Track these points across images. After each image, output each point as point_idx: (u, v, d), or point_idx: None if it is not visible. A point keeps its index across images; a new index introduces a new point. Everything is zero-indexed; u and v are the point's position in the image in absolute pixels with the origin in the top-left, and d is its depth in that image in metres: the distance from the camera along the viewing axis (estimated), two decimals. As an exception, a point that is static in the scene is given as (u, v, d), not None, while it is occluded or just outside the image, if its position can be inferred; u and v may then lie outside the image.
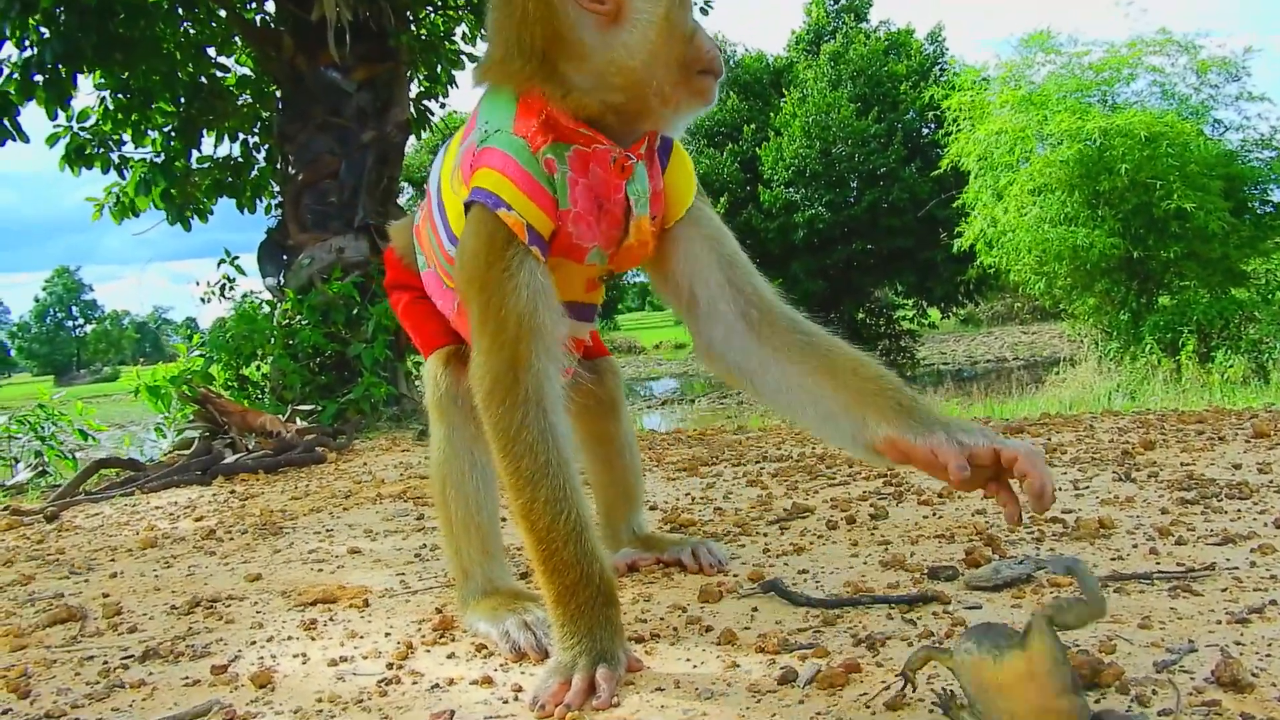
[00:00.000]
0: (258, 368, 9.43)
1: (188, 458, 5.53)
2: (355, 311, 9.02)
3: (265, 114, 11.48)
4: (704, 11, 10.80)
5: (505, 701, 1.59)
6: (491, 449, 1.71)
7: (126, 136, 11.03)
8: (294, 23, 9.67)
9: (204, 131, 11.42)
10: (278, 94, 10.50)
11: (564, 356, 1.77)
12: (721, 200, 22.36)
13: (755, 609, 1.90)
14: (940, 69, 22.32)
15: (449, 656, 1.84)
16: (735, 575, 2.16)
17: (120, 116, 10.72)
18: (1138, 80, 16.86)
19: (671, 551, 2.30)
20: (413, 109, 11.08)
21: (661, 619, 1.92)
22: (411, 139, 11.23)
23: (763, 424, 6.89)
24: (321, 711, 1.61)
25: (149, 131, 11.07)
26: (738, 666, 1.63)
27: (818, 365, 1.75)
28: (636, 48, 1.65)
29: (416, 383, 9.96)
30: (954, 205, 17.24)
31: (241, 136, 11.81)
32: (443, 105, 12.03)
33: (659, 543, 2.36)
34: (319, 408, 8.45)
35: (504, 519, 2.01)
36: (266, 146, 11.67)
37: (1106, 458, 3.02)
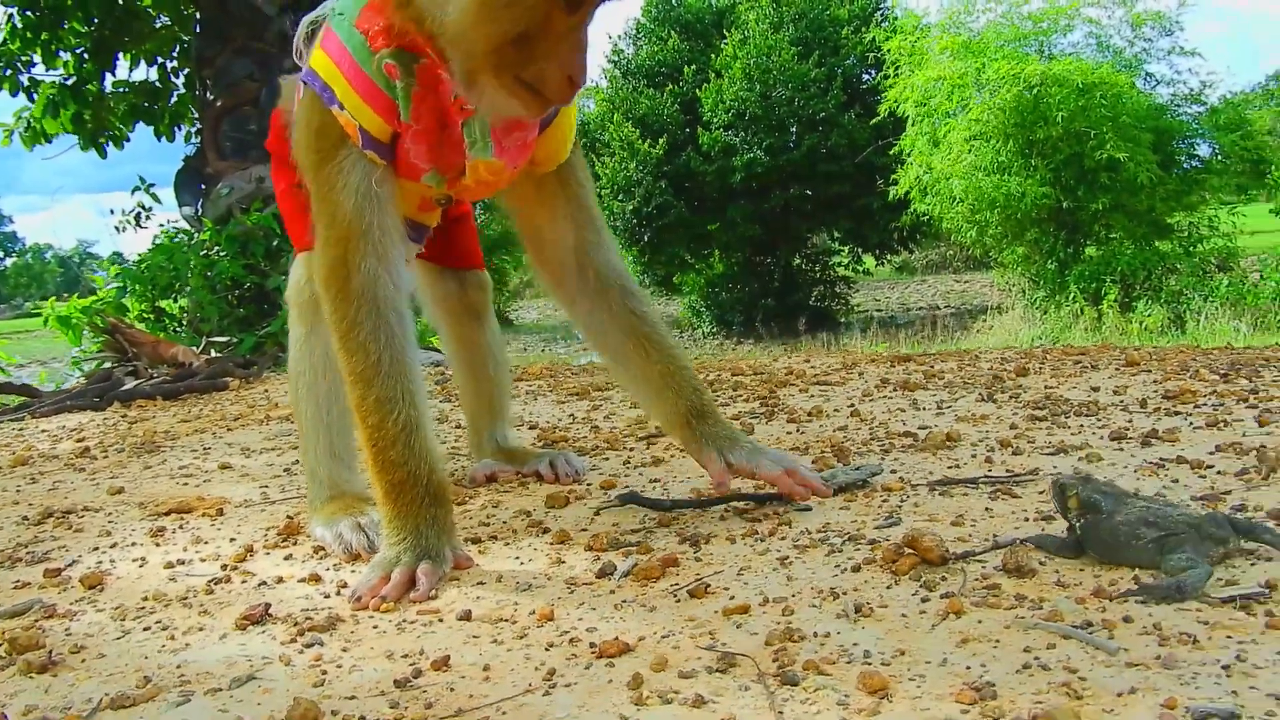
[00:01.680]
0: (175, 300, 9.23)
1: (86, 384, 5.40)
2: (275, 243, 8.81)
3: (185, 38, 11.07)
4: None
5: (327, 596, 1.59)
6: (333, 344, 1.69)
7: (36, 57, 10.56)
8: (213, -59, 9.31)
9: (119, 54, 10.98)
10: (197, 16, 10.14)
11: (400, 259, 1.73)
12: (661, 141, 22.21)
13: (597, 513, 1.92)
14: (882, 14, 22.23)
15: (286, 558, 1.83)
16: (589, 485, 2.18)
17: (29, 35, 10.24)
18: (1074, 31, 16.97)
19: (531, 464, 2.31)
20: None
21: (504, 523, 1.93)
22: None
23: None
24: (143, 609, 1.60)
25: (60, 52, 10.60)
26: (563, 563, 1.65)
27: (638, 352, 1.90)
28: (447, 8, 1.46)
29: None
30: (891, 152, 17.31)
31: (159, 60, 11.37)
32: (370, 34, 11.66)
33: (520, 455, 2.36)
34: (235, 340, 8.30)
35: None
36: (185, 72, 11.27)
37: (978, 382, 3.09)
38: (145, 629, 1.50)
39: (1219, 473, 1.81)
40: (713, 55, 23.18)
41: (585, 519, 1.89)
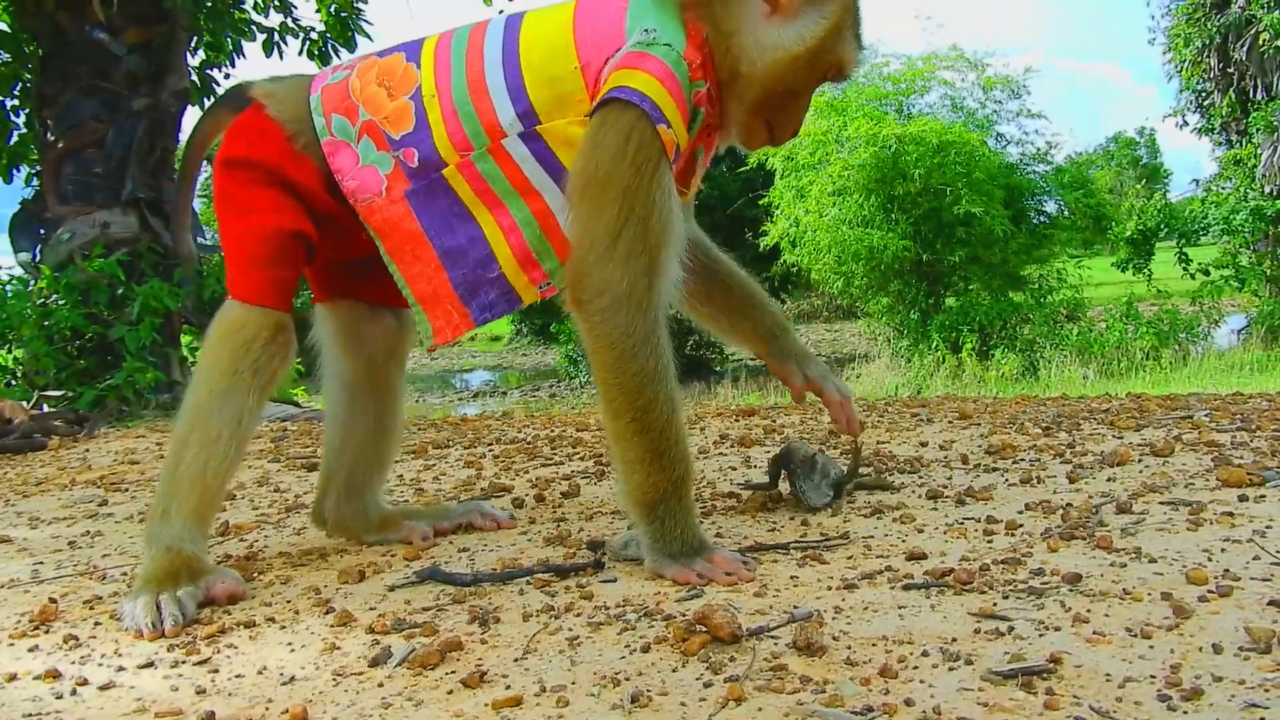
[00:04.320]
0: (10, 351, 8.64)
1: (-117, 444, 4.93)
2: (120, 292, 8.36)
3: (27, 76, 10.51)
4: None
5: (59, 696, 1.41)
6: (606, 356, 1.68)
7: None
8: (57, -25, 8.88)
9: (-49, 91, 10.36)
10: (40, 53, 9.63)
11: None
12: (538, 192, 22.13)
13: (392, 590, 1.78)
14: (751, 71, 22.84)
15: (30, 650, 1.63)
16: (392, 555, 2.03)
17: None
18: (931, 92, 17.79)
19: (452, 518, 2.21)
20: (195, 78, 10.38)
21: (289, 602, 1.76)
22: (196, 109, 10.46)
23: (539, 411, 6.80)
24: None
25: (-114, 87, 9.93)
26: (338, 649, 1.50)
27: (721, 287, 2.17)
28: (770, 54, 1.78)
29: (193, 368, 9.35)
30: (760, 204, 17.70)
31: (-1, 98, 10.75)
32: (227, 76, 11.29)
33: (424, 514, 2.24)
34: (72, 394, 7.80)
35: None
36: (26, 111, 10.70)
37: (814, 438, 3.07)
38: None
39: (1025, 533, 1.79)
40: (587, 107, 23.33)
41: (377, 596, 1.75)
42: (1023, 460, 2.45)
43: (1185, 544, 1.65)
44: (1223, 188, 19.89)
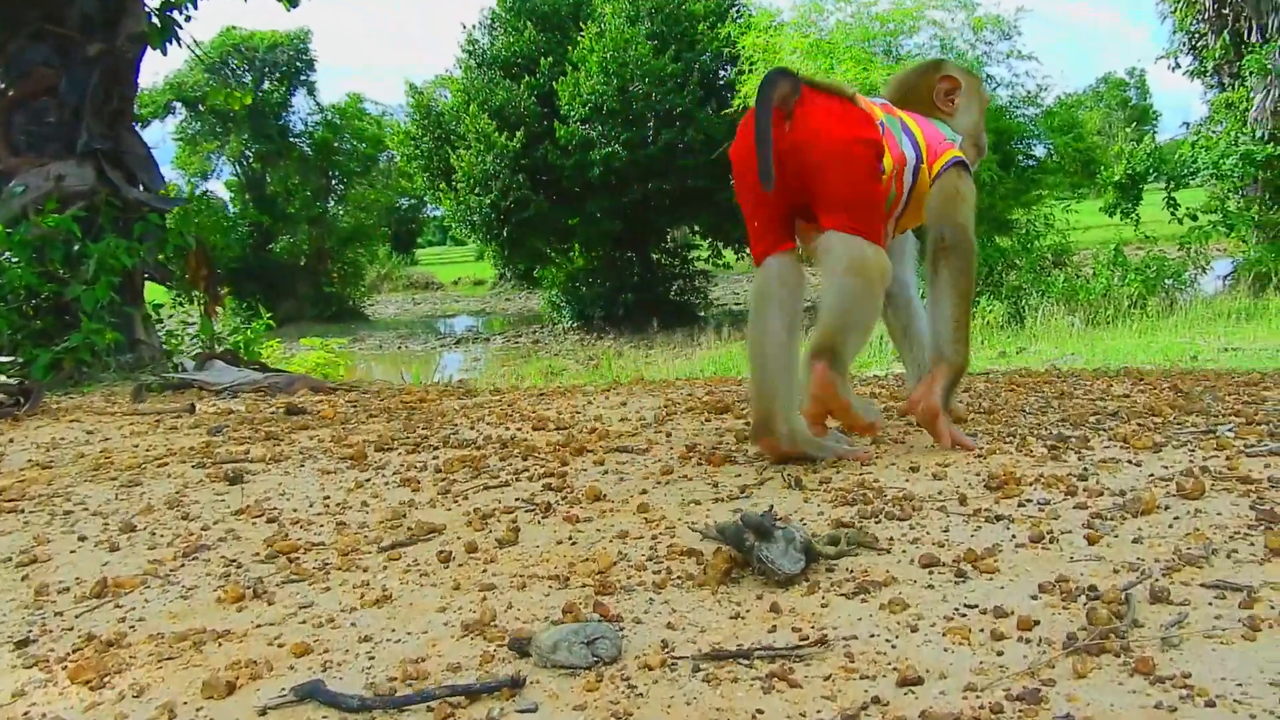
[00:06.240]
0: (-40, 314, 8.22)
1: None
2: (76, 248, 7.92)
3: (-17, 28, 9.90)
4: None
5: None
6: (966, 266, 2.79)
7: None
8: (4, -85, 8.28)
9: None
10: (-12, 0, 9.05)
11: None
12: (518, 134, 21.68)
13: (262, 712, 1.43)
14: (736, 10, 22.16)
15: None
16: (281, 644, 1.69)
17: None
18: (920, 33, 17.26)
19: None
20: (156, 20, 9.80)
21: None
22: (181, 53, 9.82)
23: (505, 384, 6.46)
24: None
25: None
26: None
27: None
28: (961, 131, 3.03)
29: (160, 326, 8.99)
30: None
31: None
32: (189, 18, 10.66)
33: None
34: (23, 358, 7.41)
35: None
36: (-20, 63, 10.10)
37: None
38: None
39: (1044, 639, 1.46)
40: (569, 47, 22.74)
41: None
42: (1029, 502, 2.11)
43: (1245, 666, 1.32)
44: (1213, 131, 19.46)
